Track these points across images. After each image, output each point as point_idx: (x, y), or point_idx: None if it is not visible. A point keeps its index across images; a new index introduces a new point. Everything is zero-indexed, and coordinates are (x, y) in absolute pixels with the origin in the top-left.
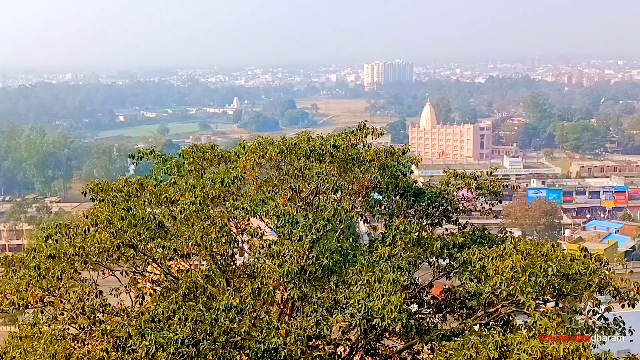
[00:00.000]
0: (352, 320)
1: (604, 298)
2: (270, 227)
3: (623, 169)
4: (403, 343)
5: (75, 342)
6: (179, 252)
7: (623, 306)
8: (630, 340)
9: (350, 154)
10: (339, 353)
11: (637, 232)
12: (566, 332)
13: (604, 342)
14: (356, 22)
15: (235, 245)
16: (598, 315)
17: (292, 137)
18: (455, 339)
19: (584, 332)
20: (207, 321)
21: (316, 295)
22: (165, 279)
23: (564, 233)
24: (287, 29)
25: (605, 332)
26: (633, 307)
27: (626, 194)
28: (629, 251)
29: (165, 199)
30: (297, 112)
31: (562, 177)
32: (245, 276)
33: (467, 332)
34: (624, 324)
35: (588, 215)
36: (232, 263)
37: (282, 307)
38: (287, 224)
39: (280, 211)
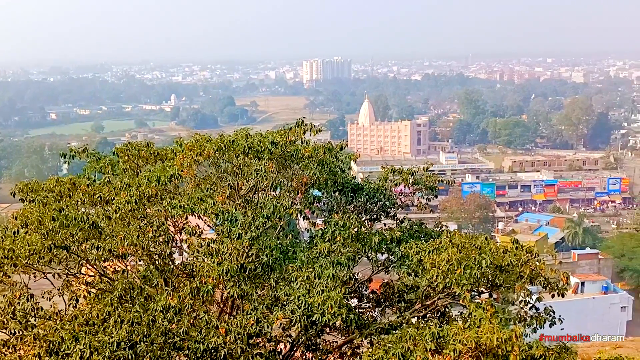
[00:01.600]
0: (293, 316)
1: (535, 288)
2: (209, 226)
3: (552, 163)
4: (343, 338)
5: (6, 347)
6: (114, 252)
7: (553, 296)
8: (561, 329)
9: (288, 150)
10: (279, 350)
11: (566, 224)
12: (500, 322)
13: (535, 331)
14: (294, 20)
15: (174, 244)
16: (530, 305)
17: (230, 134)
18: (394, 332)
19: (517, 322)
20: (144, 323)
21: (256, 293)
22: (100, 280)
23: (497, 226)
24: (225, 25)
25: (536, 322)
26: (562, 296)
27: (555, 187)
28: (558, 242)
29: (99, 199)
30: (236, 109)
31: (495, 171)
32: (184, 276)
33: (405, 324)
34: (554, 313)
35: (520, 209)
36: (170, 262)
37: (222, 306)
38: (226, 222)
39: (218, 209)
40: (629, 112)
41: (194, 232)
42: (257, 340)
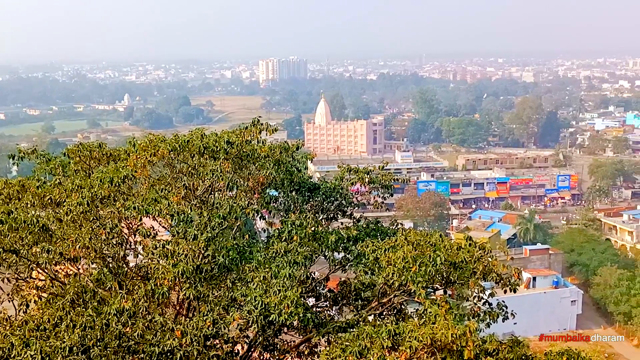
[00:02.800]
0: (250, 317)
1: (488, 284)
2: (164, 227)
3: (504, 161)
4: (301, 337)
5: None
6: (65, 256)
7: (505, 291)
8: (514, 323)
9: (244, 150)
10: (237, 351)
11: (517, 221)
12: (454, 318)
13: (488, 326)
14: (250, 19)
15: (128, 246)
16: (483, 301)
17: (185, 134)
18: (351, 330)
19: (471, 318)
20: (97, 326)
21: (213, 294)
22: (51, 284)
23: (452, 223)
24: (179, 24)
25: (489, 317)
26: (514, 292)
27: (507, 184)
28: (510, 238)
29: (49, 201)
30: (192, 109)
31: (449, 170)
32: (139, 278)
33: (361, 322)
34: (506, 308)
35: (474, 206)
36: (124, 265)
37: (178, 308)
38: (182, 223)
39: (173, 210)
40: (577, 111)
41: (149, 233)
42: (214, 342)
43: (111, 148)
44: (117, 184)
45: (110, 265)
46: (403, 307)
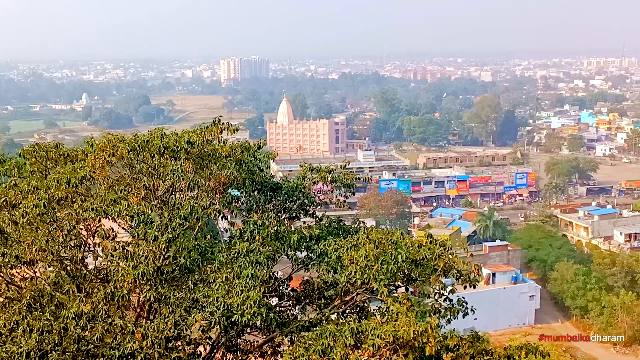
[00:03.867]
0: (212, 318)
1: (449, 281)
2: (123, 228)
3: (464, 159)
4: (264, 337)
5: None
6: (21, 259)
7: (465, 287)
8: (475, 319)
9: (205, 150)
10: (199, 352)
11: (477, 218)
12: (416, 315)
13: (449, 322)
14: (210, 17)
15: (86, 248)
16: (444, 297)
17: (144, 134)
18: (314, 329)
19: (432, 314)
20: (55, 331)
21: (174, 296)
22: (7, 288)
23: (413, 221)
24: (138, 22)
25: (450, 313)
26: (474, 287)
27: (467, 182)
28: (471, 235)
29: (4, 203)
30: (152, 109)
31: (410, 168)
32: (98, 281)
33: (324, 321)
34: (466, 303)
35: (434, 204)
36: (82, 268)
37: (138, 310)
38: (142, 224)
39: (133, 211)
40: (534, 110)
41: (108, 235)
42: (176, 344)
43: (68, 148)
44: (74, 185)
45: (68, 268)
46: (366, 305)
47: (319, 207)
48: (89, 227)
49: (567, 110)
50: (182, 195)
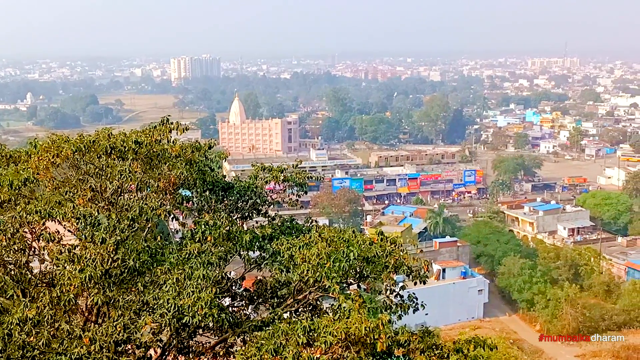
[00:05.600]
0: (163, 320)
1: (400, 277)
2: (70, 231)
3: (415, 157)
4: (216, 338)
5: None
6: None
7: (415, 283)
8: (426, 314)
9: (154, 150)
10: (149, 356)
11: (428, 215)
12: (368, 312)
13: (400, 318)
14: (159, 15)
15: (31, 252)
16: (395, 294)
17: (90, 134)
18: (266, 328)
19: (383, 310)
20: None
21: (123, 299)
22: None
23: (366, 219)
24: (84, 19)
25: (401, 309)
26: (424, 283)
27: (418, 180)
28: (422, 232)
29: None
30: (100, 108)
31: (363, 167)
32: (44, 285)
33: (277, 320)
34: (417, 299)
35: (386, 202)
36: (27, 272)
37: (86, 314)
38: (89, 226)
39: (80, 213)
40: (481, 109)
41: (53, 238)
42: (126, 347)
43: (11, 149)
44: (17, 187)
45: (12, 273)
46: (318, 303)
47: (271, 206)
48: (34, 230)
49: (513, 109)
50: (130, 197)
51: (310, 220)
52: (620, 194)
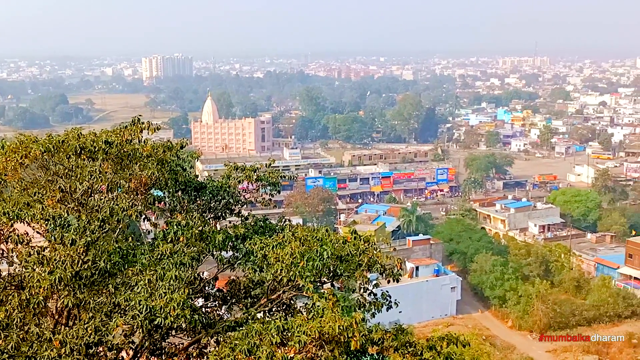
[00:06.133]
0: (134, 322)
1: (374, 275)
2: (39, 233)
3: (388, 156)
4: (189, 339)
5: None
6: None
7: (389, 281)
8: (400, 312)
9: (125, 150)
10: (121, 358)
11: (401, 213)
12: (341, 310)
13: (374, 316)
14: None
15: (0, 254)
16: (368, 292)
17: (60, 134)
18: (240, 328)
19: (357, 309)
20: None
21: (94, 301)
22: None
23: (339, 218)
24: (54, 19)
25: (375, 307)
26: (397, 281)
27: (391, 178)
28: (395, 230)
29: None
30: (70, 108)
31: (336, 166)
32: (13, 288)
33: (251, 320)
34: (390, 297)
35: (360, 200)
36: None
37: (57, 317)
38: (58, 228)
39: (49, 214)
40: (453, 107)
41: (22, 240)
42: (97, 350)
43: None
44: None
45: None
46: (292, 302)
47: (244, 206)
48: (2, 233)
49: (484, 107)
50: (101, 197)
51: (284, 220)
52: (590, 191)
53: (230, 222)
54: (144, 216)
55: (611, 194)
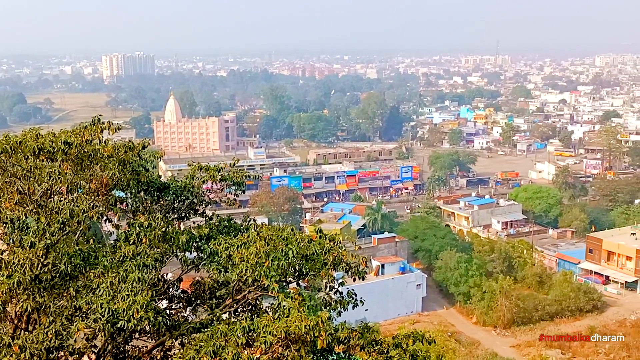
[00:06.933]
0: (96, 325)
1: (340, 274)
2: None
3: (353, 154)
4: (153, 342)
5: None
6: None
7: (354, 280)
8: (366, 310)
9: (85, 150)
10: None
11: (366, 212)
12: (308, 309)
13: (340, 314)
14: (89, 11)
15: None
16: (334, 291)
17: (17, 134)
18: (205, 330)
19: (323, 308)
20: None
21: (55, 305)
22: None
23: (305, 217)
24: (10, 16)
25: (341, 305)
26: (363, 279)
27: (356, 177)
28: (360, 229)
29: None
30: (28, 108)
31: (301, 164)
32: None
33: (216, 321)
34: (356, 295)
35: (325, 199)
36: None
37: (16, 321)
38: (17, 230)
39: (6, 217)
40: (417, 106)
41: None
42: (59, 354)
43: None
44: None
45: None
46: (258, 302)
47: (208, 206)
48: None
49: (448, 105)
50: (61, 199)
51: (249, 219)
52: (551, 187)
53: (194, 222)
54: (105, 217)
55: (571, 190)
